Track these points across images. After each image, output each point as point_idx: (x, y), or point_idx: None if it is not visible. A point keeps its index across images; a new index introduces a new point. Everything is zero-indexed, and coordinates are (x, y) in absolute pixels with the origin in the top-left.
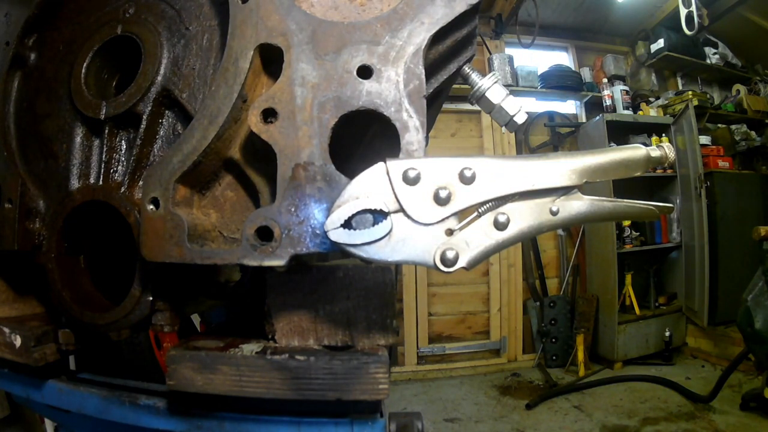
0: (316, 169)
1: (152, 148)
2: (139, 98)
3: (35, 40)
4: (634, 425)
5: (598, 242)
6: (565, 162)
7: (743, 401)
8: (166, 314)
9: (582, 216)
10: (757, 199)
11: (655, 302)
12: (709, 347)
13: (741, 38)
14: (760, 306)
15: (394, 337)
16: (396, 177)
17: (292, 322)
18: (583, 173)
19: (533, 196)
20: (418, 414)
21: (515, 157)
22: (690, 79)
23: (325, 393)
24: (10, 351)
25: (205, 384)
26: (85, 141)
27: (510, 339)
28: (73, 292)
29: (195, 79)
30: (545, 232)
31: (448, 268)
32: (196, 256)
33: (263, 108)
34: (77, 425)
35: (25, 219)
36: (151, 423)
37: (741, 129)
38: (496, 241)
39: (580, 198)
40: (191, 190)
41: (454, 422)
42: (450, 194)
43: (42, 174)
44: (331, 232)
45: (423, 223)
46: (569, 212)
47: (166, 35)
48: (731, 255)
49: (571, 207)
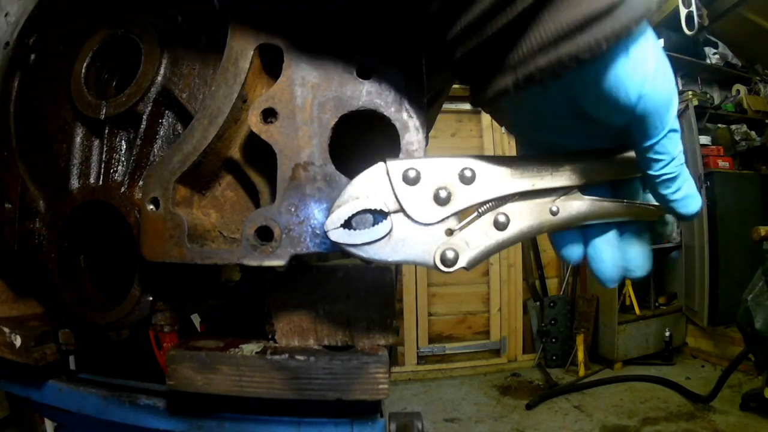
0: (316, 169)
1: (152, 148)
2: (139, 98)
3: (35, 40)
4: (634, 425)
5: None
6: (565, 162)
7: (743, 401)
8: (166, 314)
9: (582, 216)
10: (757, 199)
11: (655, 302)
12: (709, 347)
13: (741, 38)
14: (760, 306)
15: (394, 337)
16: (396, 177)
17: (292, 322)
18: (583, 173)
19: (533, 196)
20: (418, 414)
21: (515, 157)
22: (690, 79)
23: (325, 393)
24: (10, 351)
25: (205, 384)
26: (85, 141)
27: (510, 339)
28: (73, 292)
29: (195, 79)
30: (545, 232)
31: (448, 268)
32: (196, 256)
33: (263, 108)
34: (77, 425)
35: (25, 219)
36: (151, 423)
37: (741, 129)
38: (496, 241)
39: (580, 198)
40: (191, 190)
41: (454, 422)
42: (450, 194)
43: (42, 174)
44: (331, 232)
45: (423, 223)
46: (569, 212)
47: (167, 35)
48: (731, 255)
49: (571, 207)
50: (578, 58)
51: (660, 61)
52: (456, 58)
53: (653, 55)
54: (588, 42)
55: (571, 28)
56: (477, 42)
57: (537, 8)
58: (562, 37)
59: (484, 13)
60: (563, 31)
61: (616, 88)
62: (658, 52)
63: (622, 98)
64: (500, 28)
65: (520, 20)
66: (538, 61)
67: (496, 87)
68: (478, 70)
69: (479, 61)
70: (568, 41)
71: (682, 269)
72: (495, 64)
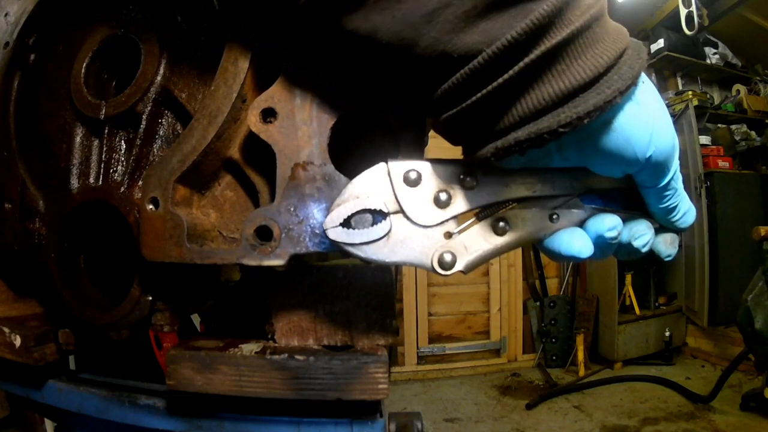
0: (315, 169)
1: (152, 148)
2: (138, 98)
3: (35, 40)
4: (634, 425)
5: None
6: (565, 170)
7: (743, 401)
8: (166, 314)
9: (582, 224)
10: (757, 199)
11: (655, 302)
12: (709, 347)
13: (741, 38)
14: (760, 306)
15: (394, 337)
16: (397, 178)
17: (292, 322)
18: (583, 182)
19: (533, 203)
20: (418, 414)
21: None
22: (690, 79)
23: (325, 393)
24: (10, 351)
25: (205, 384)
26: (84, 141)
27: (510, 339)
28: (73, 292)
29: (194, 78)
30: (544, 239)
31: (445, 270)
32: (196, 256)
33: (262, 108)
34: (77, 425)
35: (25, 219)
36: (151, 423)
37: (741, 129)
38: (495, 246)
39: (579, 206)
40: (191, 189)
41: (454, 422)
42: (450, 197)
43: (42, 174)
44: (329, 231)
45: (422, 225)
46: (569, 220)
47: (166, 35)
48: (731, 255)
49: (570, 215)
50: (557, 132)
51: (661, 108)
52: (440, 121)
53: (654, 105)
54: (569, 116)
55: (554, 102)
56: (456, 110)
57: (520, 81)
58: (541, 111)
59: (457, 85)
60: (544, 104)
61: (623, 147)
62: (657, 101)
63: (630, 156)
64: (474, 101)
65: (497, 94)
66: (518, 133)
67: (480, 154)
68: (460, 136)
69: (460, 128)
70: (549, 115)
71: (682, 269)
72: (476, 132)
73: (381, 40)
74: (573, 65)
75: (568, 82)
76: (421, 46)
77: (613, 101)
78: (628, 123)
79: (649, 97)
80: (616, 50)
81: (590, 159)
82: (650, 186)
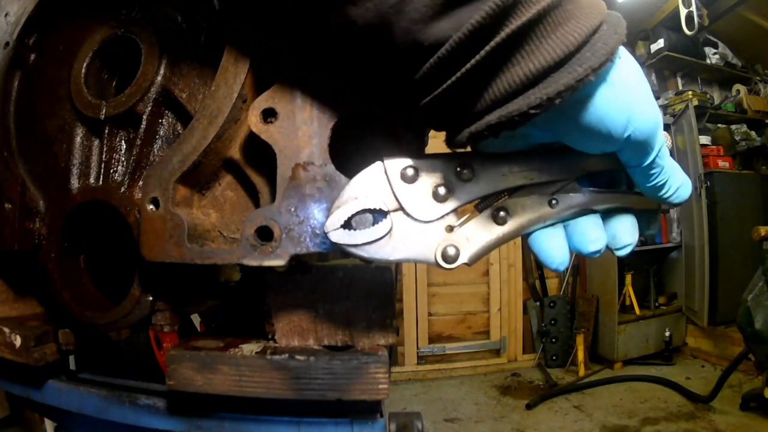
0: (316, 169)
1: (152, 148)
2: (138, 98)
3: (35, 40)
4: (634, 425)
5: None
6: (561, 155)
7: (743, 401)
8: (166, 314)
9: (581, 207)
10: (757, 199)
11: (655, 302)
12: (709, 347)
13: (741, 38)
14: (760, 306)
15: (394, 337)
16: (394, 175)
17: (292, 322)
18: (579, 165)
19: (531, 190)
20: (418, 414)
21: (512, 153)
22: (690, 79)
23: (325, 393)
24: (10, 351)
25: (205, 384)
26: (85, 141)
27: (510, 339)
28: (73, 292)
29: (195, 78)
30: (545, 224)
31: (449, 264)
32: (196, 256)
33: (263, 108)
34: (77, 425)
35: (25, 219)
36: (151, 423)
37: (741, 129)
38: (497, 235)
39: (577, 190)
40: (191, 190)
41: (454, 422)
42: (448, 191)
43: (42, 174)
44: (331, 234)
45: (422, 220)
46: (568, 204)
47: (166, 35)
48: (731, 255)
49: (569, 199)
50: (528, 114)
51: (641, 85)
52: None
53: (633, 82)
54: (539, 97)
55: (523, 84)
56: (431, 98)
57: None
58: (512, 93)
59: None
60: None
61: (599, 123)
62: (636, 77)
63: (606, 135)
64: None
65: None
66: (490, 117)
67: (457, 140)
68: (439, 125)
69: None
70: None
71: (682, 269)
72: (453, 119)
73: (360, 33)
74: (542, 45)
75: (537, 63)
76: (396, 36)
77: (585, 79)
78: (602, 102)
79: (628, 74)
80: (588, 27)
81: (566, 136)
82: (635, 165)
